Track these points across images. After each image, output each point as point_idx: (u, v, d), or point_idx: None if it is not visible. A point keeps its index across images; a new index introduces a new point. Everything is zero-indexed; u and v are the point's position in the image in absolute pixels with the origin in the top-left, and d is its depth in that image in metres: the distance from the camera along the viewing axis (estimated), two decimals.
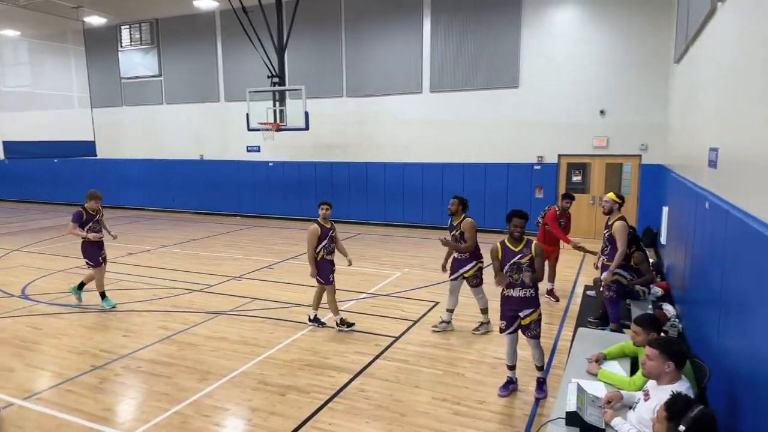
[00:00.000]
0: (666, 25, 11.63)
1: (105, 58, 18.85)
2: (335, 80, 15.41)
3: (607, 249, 5.93)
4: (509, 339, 5.01)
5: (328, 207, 6.78)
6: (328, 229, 6.70)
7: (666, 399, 2.67)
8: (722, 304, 3.92)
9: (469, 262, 6.55)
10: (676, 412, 2.51)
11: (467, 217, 6.54)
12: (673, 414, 2.51)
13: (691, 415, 2.46)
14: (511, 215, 4.84)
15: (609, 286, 5.83)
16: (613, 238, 5.81)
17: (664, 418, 2.56)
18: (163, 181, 18.86)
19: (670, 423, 2.52)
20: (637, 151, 12.59)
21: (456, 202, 6.59)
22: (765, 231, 2.91)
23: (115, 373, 5.61)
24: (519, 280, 4.78)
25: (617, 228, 5.77)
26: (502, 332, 5.04)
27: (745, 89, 3.95)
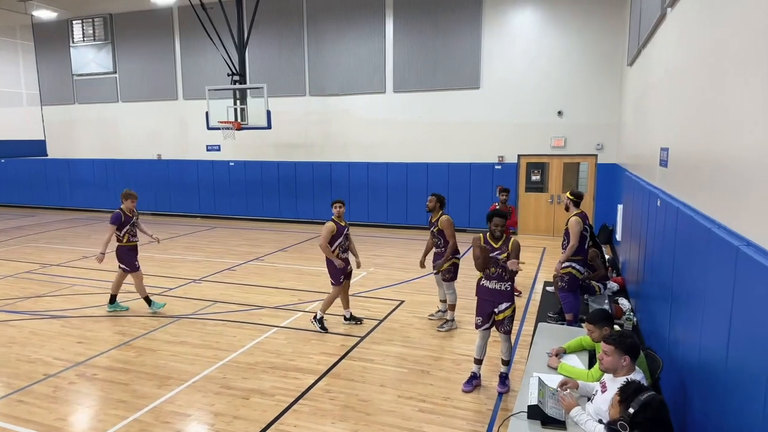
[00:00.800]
0: (619, 29, 12.06)
1: (56, 54, 18.09)
2: (298, 79, 15.27)
3: (565, 243, 6.13)
4: (482, 334, 5.12)
5: (341, 205, 6.84)
6: (343, 227, 6.77)
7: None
8: (673, 298, 4.09)
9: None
10: (628, 395, 2.67)
11: (444, 215, 6.69)
12: (624, 397, 2.68)
13: (641, 399, 2.61)
14: (492, 215, 5.00)
15: (562, 277, 6.00)
16: (568, 232, 6.01)
17: (617, 401, 2.73)
18: (118, 181, 18.22)
19: (621, 405, 2.68)
20: (593, 151, 13.00)
21: (434, 199, 6.76)
22: (712, 227, 3.05)
23: (69, 381, 5.40)
24: (495, 274, 4.94)
25: (570, 223, 6.00)
26: (477, 328, 5.13)
27: (691, 92, 4.14)
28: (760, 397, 2.18)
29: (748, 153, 2.68)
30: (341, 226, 6.73)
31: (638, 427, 2.57)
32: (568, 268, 6.01)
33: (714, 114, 3.41)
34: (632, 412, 2.58)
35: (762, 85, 2.52)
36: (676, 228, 4.00)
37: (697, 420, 3.19)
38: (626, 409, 2.62)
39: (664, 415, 2.59)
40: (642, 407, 2.57)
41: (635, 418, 2.57)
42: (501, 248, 4.92)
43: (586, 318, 4.02)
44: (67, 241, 13.17)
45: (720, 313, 2.79)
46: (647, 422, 2.56)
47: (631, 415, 2.58)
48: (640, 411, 2.57)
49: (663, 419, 2.59)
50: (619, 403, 2.69)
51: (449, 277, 6.76)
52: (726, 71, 3.20)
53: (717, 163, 3.23)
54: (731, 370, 2.61)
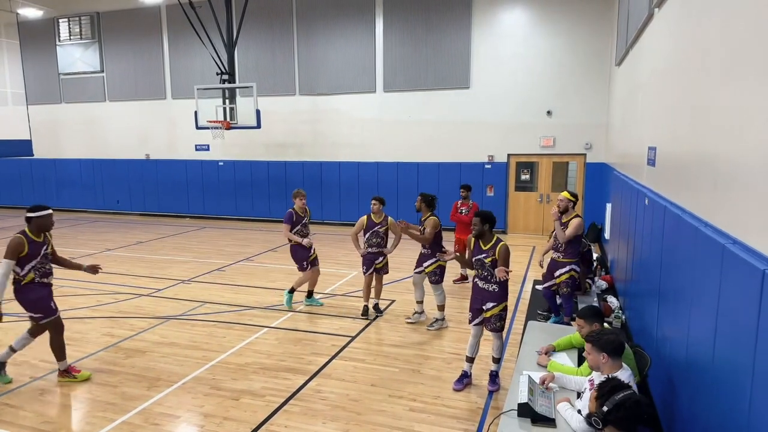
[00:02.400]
0: (608, 29, 12.15)
1: (41, 52, 17.86)
2: (288, 78, 15.22)
3: (562, 246, 6.12)
4: (474, 330, 5.14)
5: (375, 202, 7.00)
6: (374, 224, 6.95)
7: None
8: (661, 295, 4.14)
9: (430, 258, 6.73)
10: (603, 393, 2.70)
11: (432, 216, 6.68)
12: (600, 395, 2.71)
13: (615, 398, 2.63)
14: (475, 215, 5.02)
15: (567, 282, 6.04)
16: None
17: (593, 397, 2.76)
18: (106, 181, 18.07)
19: (596, 402, 2.71)
20: (582, 150, 13.09)
21: (419, 199, 6.78)
22: (699, 225, 3.08)
23: (56, 384, 5.33)
24: (482, 275, 4.96)
25: (575, 224, 6.00)
26: (469, 323, 5.17)
27: (678, 92, 4.18)
28: (746, 392, 2.21)
29: (733, 152, 2.72)
30: (372, 222, 7.00)
31: (611, 424, 2.62)
32: (570, 272, 6.03)
33: (700, 113, 3.44)
34: (605, 411, 2.62)
35: (746, 86, 2.56)
36: (664, 226, 4.04)
37: (685, 415, 3.22)
38: (601, 406, 2.66)
39: (638, 414, 2.61)
40: (615, 407, 2.60)
41: (608, 416, 2.61)
42: (488, 252, 4.90)
43: (576, 313, 4.05)
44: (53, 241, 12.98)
45: (707, 310, 2.82)
46: (619, 421, 2.60)
47: (605, 413, 2.62)
48: (613, 410, 2.60)
49: (637, 418, 2.61)
50: (595, 400, 2.72)
51: (435, 279, 6.73)
52: (711, 71, 3.23)
53: (703, 162, 3.27)
54: (718, 366, 2.64)
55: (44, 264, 5.24)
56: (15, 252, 4.99)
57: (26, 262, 5.07)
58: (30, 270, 5.11)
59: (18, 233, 5.09)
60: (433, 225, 6.59)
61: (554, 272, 6.18)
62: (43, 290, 5.22)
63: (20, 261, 5.03)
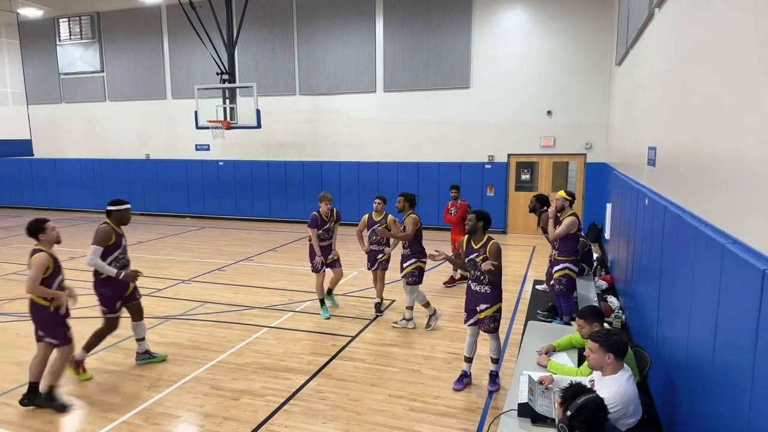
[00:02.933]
0: (608, 29, 12.15)
1: (42, 52, 17.86)
2: (288, 78, 15.22)
3: (556, 244, 6.15)
4: (470, 330, 5.14)
5: (378, 201, 7.11)
6: (375, 222, 7.02)
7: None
8: (661, 295, 4.13)
9: (410, 259, 6.66)
10: (566, 398, 2.69)
11: (412, 214, 6.68)
12: (563, 400, 2.70)
13: (577, 402, 2.61)
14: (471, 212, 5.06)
15: (559, 280, 6.04)
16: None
17: (558, 403, 2.75)
18: (106, 181, 18.07)
19: (560, 408, 2.70)
20: (582, 150, 13.09)
21: (401, 199, 6.76)
22: (699, 225, 3.08)
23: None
24: (475, 276, 4.93)
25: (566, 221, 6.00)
26: (465, 323, 5.17)
27: (678, 92, 4.18)
28: (746, 392, 2.21)
29: (733, 152, 2.72)
30: (373, 220, 7.05)
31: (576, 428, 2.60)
32: (564, 270, 6.04)
33: (700, 114, 3.44)
34: (569, 415, 2.61)
35: (746, 86, 2.56)
36: (664, 226, 4.04)
37: (685, 415, 3.22)
38: (564, 411, 2.65)
39: (599, 417, 2.60)
40: (577, 411, 2.59)
41: (571, 421, 2.60)
42: (479, 250, 4.89)
43: (576, 313, 4.05)
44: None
45: (707, 311, 2.82)
46: (582, 425, 2.58)
47: (568, 417, 2.61)
48: (575, 414, 2.59)
49: (599, 421, 2.59)
50: (559, 405, 2.71)
51: (412, 281, 6.59)
52: (712, 72, 3.23)
53: (704, 163, 3.27)
54: (718, 367, 2.64)
55: (124, 255, 5.44)
56: (104, 240, 5.13)
57: (110, 253, 5.23)
58: (112, 261, 5.26)
59: (103, 224, 5.26)
60: (413, 222, 6.56)
61: (551, 270, 6.20)
62: (119, 286, 5.36)
63: (105, 251, 5.16)
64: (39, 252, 4.61)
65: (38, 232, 4.70)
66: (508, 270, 9.76)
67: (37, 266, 4.51)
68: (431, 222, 12.31)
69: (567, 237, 6.04)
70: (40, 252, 4.61)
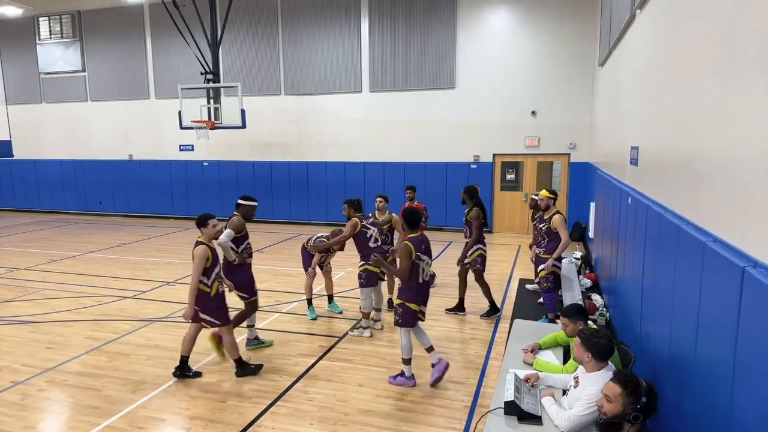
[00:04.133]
0: (591, 30, 12.29)
1: (21, 51, 17.56)
2: (273, 78, 15.14)
3: (544, 242, 6.18)
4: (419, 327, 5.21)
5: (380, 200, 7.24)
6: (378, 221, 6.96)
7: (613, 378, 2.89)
8: (644, 293, 4.19)
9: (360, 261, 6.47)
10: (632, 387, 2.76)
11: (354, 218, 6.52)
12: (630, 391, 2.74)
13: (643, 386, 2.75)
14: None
15: (547, 277, 6.09)
16: (552, 231, 6.08)
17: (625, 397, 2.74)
18: (88, 182, 17.81)
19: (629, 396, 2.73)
20: (566, 150, 13.22)
21: (346, 207, 6.59)
22: (680, 224, 3.13)
23: (38, 388, 5.24)
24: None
25: (557, 221, 6.05)
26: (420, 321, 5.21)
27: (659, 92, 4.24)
28: (727, 385, 2.25)
29: (714, 152, 2.77)
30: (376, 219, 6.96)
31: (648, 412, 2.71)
32: (552, 267, 6.09)
33: (681, 114, 3.50)
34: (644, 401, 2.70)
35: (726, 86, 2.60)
36: (647, 225, 4.09)
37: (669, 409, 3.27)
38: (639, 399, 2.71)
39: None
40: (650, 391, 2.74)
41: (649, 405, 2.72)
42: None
43: (560, 312, 4.09)
44: (34, 244, 12.80)
45: (689, 307, 2.86)
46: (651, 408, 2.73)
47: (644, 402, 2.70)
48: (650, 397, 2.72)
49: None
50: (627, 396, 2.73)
51: (361, 283, 6.41)
52: (692, 72, 3.28)
53: (684, 162, 3.32)
54: (700, 362, 2.69)
55: (250, 244, 5.91)
56: (238, 227, 5.62)
57: (242, 241, 5.74)
58: (244, 249, 5.76)
59: (234, 215, 5.70)
60: (351, 226, 6.36)
61: (537, 266, 6.26)
62: (250, 272, 5.88)
63: (237, 240, 5.64)
64: (200, 245, 5.10)
65: (202, 226, 5.19)
66: (494, 269, 9.82)
67: (199, 258, 5.03)
68: None
69: (554, 234, 6.09)
70: (201, 245, 5.10)
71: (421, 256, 4.98)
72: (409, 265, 4.90)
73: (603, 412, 2.78)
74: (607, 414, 2.75)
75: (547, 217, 6.20)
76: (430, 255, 5.14)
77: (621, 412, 2.71)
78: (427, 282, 5.14)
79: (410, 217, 5.07)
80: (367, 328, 6.55)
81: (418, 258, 4.95)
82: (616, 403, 2.73)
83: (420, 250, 4.97)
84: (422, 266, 5.01)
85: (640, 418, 2.66)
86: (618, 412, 2.72)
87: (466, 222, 7.09)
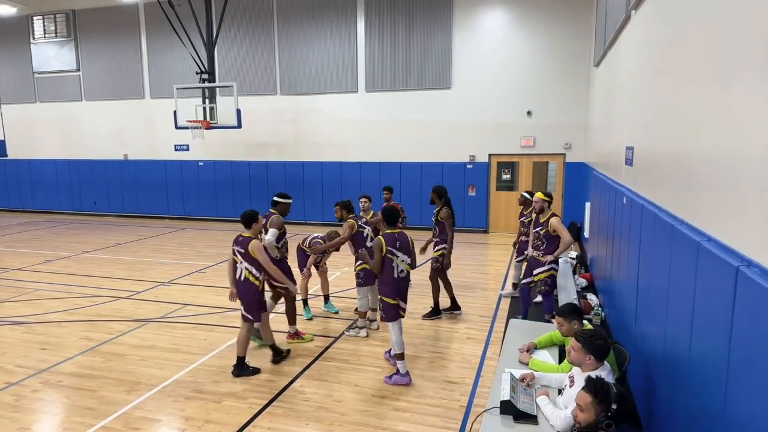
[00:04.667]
0: (586, 30, 12.33)
1: (15, 51, 17.46)
2: (268, 77, 15.11)
3: (542, 245, 6.14)
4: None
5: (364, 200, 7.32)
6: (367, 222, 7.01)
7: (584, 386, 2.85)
8: (639, 292, 4.21)
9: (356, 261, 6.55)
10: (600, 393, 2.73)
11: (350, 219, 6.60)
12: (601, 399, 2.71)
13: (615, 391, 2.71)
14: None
15: (545, 281, 6.08)
16: (550, 234, 6.05)
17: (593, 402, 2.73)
18: (83, 182, 17.73)
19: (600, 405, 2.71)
20: (562, 150, 13.26)
21: (338, 209, 6.73)
22: (675, 223, 3.15)
23: (32, 389, 5.22)
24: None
25: (555, 223, 6.00)
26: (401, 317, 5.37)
27: (654, 93, 4.26)
28: (721, 384, 2.26)
29: (707, 152, 2.78)
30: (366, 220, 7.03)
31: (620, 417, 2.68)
32: (549, 270, 6.07)
33: (675, 114, 3.51)
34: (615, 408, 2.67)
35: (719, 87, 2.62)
36: (641, 224, 4.11)
37: (663, 408, 3.29)
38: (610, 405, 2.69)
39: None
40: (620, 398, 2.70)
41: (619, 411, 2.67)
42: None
43: (556, 311, 4.10)
44: (28, 244, 12.73)
45: (683, 306, 2.88)
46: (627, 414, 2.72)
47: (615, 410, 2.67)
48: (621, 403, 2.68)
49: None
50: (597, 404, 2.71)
51: (358, 282, 6.48)
52: (685, 73, 3.30)
53: (678, 162, 3.34)
54: (695, 360, 2.70)
55: (287, 240, 6.24)
56: (280, 224, 6.02)
57: (282, 237, 6.12)
58: (282, 244, 6.11)
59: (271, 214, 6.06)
60: (349, 227, 6.44)
61: (533, 270, 6.23)
62: (286, 265, 6.13)
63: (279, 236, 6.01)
64: (253, 240, 5.30)
65: (253, 222, 5.38)
66: (489, 269, 9.85)
67: (262, 249, 5.28)
68: (413, 222, 12.34)
69: (553, 238, 6.05)
70: (254, 240, 5.31)
71: (394, 252, 5.16)
72: (381, 258, 5.12)
73: (577, 421, 2.80)
74: (581, 423, 2.76)
75: (543, 220, 6.15)
76: (407, 253, 5.28)
77: (594, 420, 2.71)
78: (403, 278, 5.28)
79: (388, 215, 5.31)
80: (363, 328, 6.55)
81: (391, 253, 5.14)
82: (588, 412, 2.73)
83: (394, 246, 5.16)
84: (396, 262, 5.19)
85: (612, 426, 2.64)
86: (591, 421, 2.72)
87: (436, 222, 7.11)
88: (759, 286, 1.94)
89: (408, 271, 5.37)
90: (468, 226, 13.69)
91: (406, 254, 5.25)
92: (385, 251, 5.11)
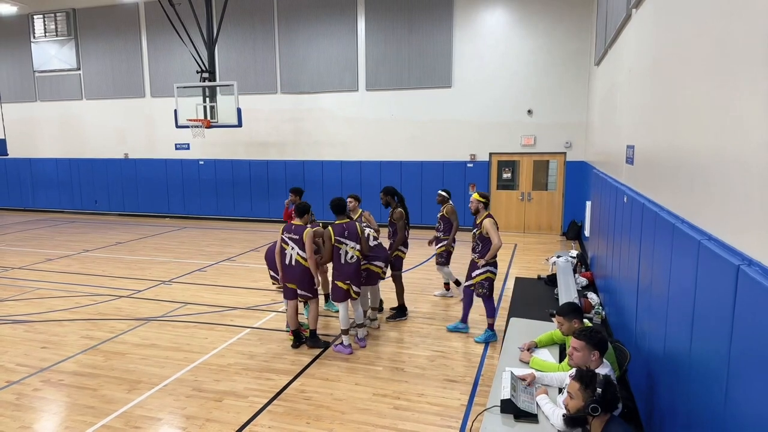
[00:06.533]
0: (587, 29, 12.32)
1: (15, 49, 17.47)
2: (269, 76, 15.11)
3: (479, 247, 6.12)
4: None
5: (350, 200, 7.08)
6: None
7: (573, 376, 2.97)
8: (640, 291, 4.21)
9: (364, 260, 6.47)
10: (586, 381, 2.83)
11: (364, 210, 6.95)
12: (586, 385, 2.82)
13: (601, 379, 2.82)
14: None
15: (482, 283, 6.09)
16: (484, 236, 6.02)
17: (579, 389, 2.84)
18: (84, 181, 17.74)
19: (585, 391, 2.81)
20: (562, 149, 13.25)
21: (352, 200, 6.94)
22: (676, 222, 3.15)
23: (33, 388, 5.22)
24: None
25: (487, 225, 5.96)
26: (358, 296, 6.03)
27: (654, 91, 4.25)
28: (722, 383, 2.26)
29: (708, 151, 2.78)
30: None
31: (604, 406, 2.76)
32: (486, 273, 6.06)
33: (676, 113, 3.51)
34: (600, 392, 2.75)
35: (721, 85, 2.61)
36: (642, 223, 4.11)
37: (664, 407, 3.29)
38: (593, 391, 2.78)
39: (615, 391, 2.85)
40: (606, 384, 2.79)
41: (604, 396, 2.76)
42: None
43: (556, 310, 4.10)
44: (29, 243, 12.74)
45: (684, 305, 2.88)
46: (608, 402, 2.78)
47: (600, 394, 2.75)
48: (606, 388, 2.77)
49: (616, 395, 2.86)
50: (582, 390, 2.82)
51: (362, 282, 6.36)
52: (686, 71, 3.30)
53: (679, 161, 3.33)
54: (695, 359, 2.70)
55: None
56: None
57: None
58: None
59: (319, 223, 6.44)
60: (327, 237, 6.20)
61: (472, 272, 6.22)
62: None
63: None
64: (306, 228, 5.75)
65: (306, 213, 5.90)
66: None
67: (311, 237, 5.69)
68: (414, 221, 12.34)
69: (487, 240, 5.99)
70: (307, 228, 5.75)
71: (342, 240, 5.76)
72: (331, 247, 5.76)
73: (567, 409, 2.92)
74: (571, 410, 2.89)
75: (479, 221, 6.12)
76: (355, 240, 5.84)
77: (582, 406, 2.82)
78: (352, 263, 5.84)
79: (334, 206, 5.89)
80: (362, 326, 6.54)
81: (338, 242, 5.75)
82: (577, 399, 2.84)
83: (342, 235, 5.75)
84: (345, 249, 5.79)
85: (598, 410, 2.73)
86: (579, 407, 2.83)
87: (390, 223, 7.12)
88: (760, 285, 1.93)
89: (358, 256, 5.89)
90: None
91: (354, 241, 5.81)
92: (334, 240, 5.71)
